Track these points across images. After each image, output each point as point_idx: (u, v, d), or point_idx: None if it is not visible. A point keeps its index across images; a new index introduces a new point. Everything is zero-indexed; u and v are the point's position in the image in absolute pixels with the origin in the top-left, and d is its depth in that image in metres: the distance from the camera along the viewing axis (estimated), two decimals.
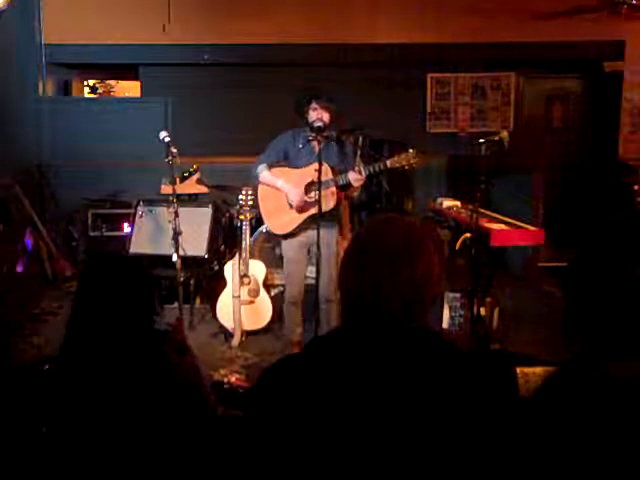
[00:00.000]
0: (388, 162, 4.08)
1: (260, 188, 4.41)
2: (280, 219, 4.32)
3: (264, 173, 4.31)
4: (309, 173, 4.09)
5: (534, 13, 6.94)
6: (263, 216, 4.53)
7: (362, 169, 4.05)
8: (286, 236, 4.34)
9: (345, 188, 4.21)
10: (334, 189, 4.15)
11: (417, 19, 6.94)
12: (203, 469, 1.89)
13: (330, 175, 4.12)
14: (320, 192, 3.99)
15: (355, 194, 4.36)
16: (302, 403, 1.31)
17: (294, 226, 4.26)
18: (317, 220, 4.03)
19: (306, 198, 4.19)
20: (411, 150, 4.07)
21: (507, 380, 1.41)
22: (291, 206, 4.26)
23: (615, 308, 1.37)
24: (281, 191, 4.28)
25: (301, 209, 4.22)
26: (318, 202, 4.00)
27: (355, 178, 4.05)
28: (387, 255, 1.35)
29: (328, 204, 4.13)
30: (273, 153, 4.32)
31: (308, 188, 4.18)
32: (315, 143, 4.14)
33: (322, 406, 1.29)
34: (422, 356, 1.32)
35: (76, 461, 1.82)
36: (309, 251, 4.30)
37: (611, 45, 7.10)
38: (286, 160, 4.32)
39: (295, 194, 4.21)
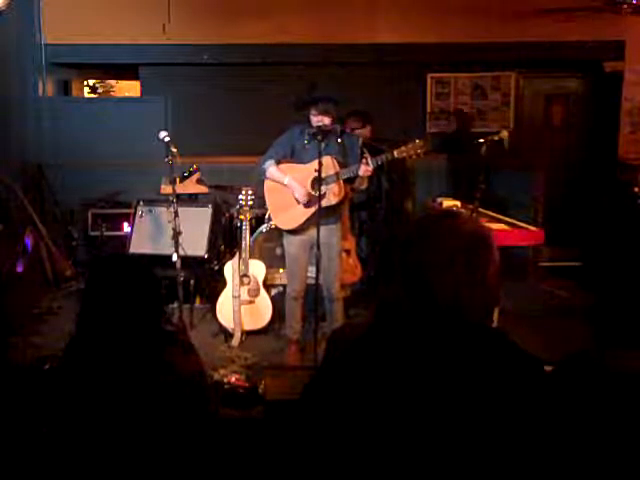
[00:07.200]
0: (395, 152, 4.08)
1: (266, 182, 4.40)
2: (287, 214, 4.32)
3: (271, 169, 4.31)
4: (314, 168, 4.08)
5: (534, 13, 6.92)
6: (270, 211, 4.54)
7: (369, 161, 4.05)
8: (291, 232, 4.34)
9: (351, 181, 4.22)
10: (340, 182, 4.15)
11: (417, 19, 6.94)
12: (204, 468, 1.89)
13: (336, 169, 4.13)
14: (320, 188, 4.01)
15: (363, 187, 4.34)
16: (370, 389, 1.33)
17: (301, 221, 4.26)
18: (317, 220, 4.04)
19: (312, 193, 4.19)
20: (417, 140, 4.08)
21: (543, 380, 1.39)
22: (298, 201, 4.26)
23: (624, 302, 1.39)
24: (288, 187, 4.29)
25: (307, 204, 4.23)
26: (319, 198, 4.02)
27: (363, 170, 4.06)
28: (463, 253, 1.33)
29: (335, 198, 4.15)
30: (280, 149, 4.32)
31: (314, 183, 4.18)
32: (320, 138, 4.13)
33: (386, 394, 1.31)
34: (492, 356, 1.33)
35: (78, 461, 1.82)
36: (311, 248, 4.29)
37: (611, 45, 7.09)
38: (292, 156, 4.33)
39: (301, 190, 4.22)
